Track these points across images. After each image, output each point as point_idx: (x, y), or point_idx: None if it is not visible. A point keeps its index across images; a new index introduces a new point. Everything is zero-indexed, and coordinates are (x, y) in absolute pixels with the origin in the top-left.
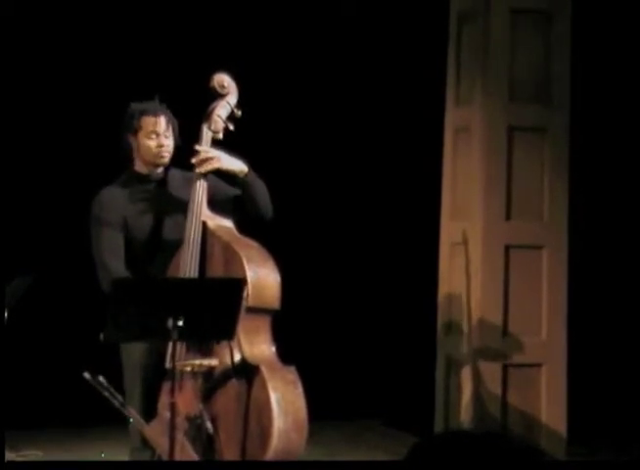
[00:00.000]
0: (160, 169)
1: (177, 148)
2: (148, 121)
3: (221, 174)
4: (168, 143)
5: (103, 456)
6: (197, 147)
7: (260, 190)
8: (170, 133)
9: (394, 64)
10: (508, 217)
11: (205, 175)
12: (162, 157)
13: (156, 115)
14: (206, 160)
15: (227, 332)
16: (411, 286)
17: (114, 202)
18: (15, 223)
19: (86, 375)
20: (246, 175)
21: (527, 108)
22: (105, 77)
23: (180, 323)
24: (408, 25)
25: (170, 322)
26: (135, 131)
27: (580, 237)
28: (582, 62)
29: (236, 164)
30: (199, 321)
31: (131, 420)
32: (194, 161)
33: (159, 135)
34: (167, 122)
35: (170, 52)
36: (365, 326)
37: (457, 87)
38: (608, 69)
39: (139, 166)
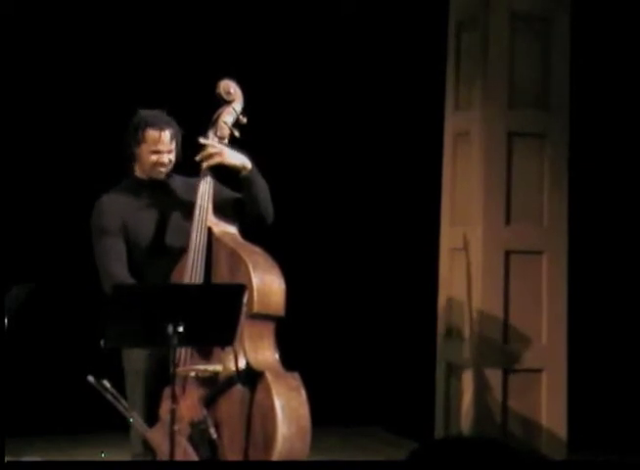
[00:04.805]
0: (161, 176)
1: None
2: (152, 136)
3: (224, 170)
4: (169, 158)
5: (103, 456)
6: (202, 140)
7: (262, 189)
8: (173, 148)
9: (394, 69)
10: (508, 223)
11: (211, 177)
12: (160, 172)
13: (161, 129)
14: (211, 154)
15: (227, 338)
16: (411, 292)
17: (115, 207)
18: (15, 230)
19: (90, 378)
20: (249, 171)
21: (527, 113)
22: (108, 82)
23: (180, 329)
24: (408, 30)
25: (170, 328)
26: (138, 142)
27: (580, 242)
28: (581, 67)
29: (240, 160)
30: (199, 327)
31: (132, 421)
32: (198, 158)
33: (160, 152)
34: (172, 138)
35: (174, 58)
36: (366, 332)
37: (456, 92)
38: (607, 74)
39: (139, 173)
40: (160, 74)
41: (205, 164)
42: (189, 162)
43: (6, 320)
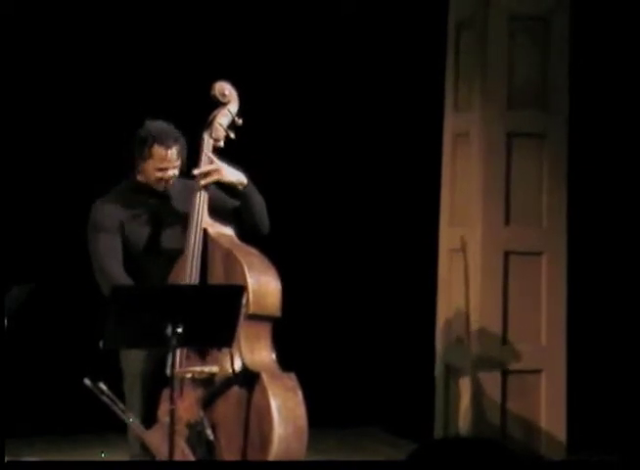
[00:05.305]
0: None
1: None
2: (159, 153)
3: (221, 185)
4: (173, 173)
5: (103, 456)
6: (195, 171)
7: (258, 203)
8: (178, 163)
9: (394, 69)
10: (507, 223)
11: (206, 187)
12: (163, 186)
13: (168, 147)
14: (208, 172)
15: (226, 339)
16: (410, 293)
17: (112, 208)
18: (15, 230)
19: (87, 381)
20: (245, 187)
21: (526, 114)
22: (106, 82)
23: (179, 330)
24: (408, 31)
25: (169, 329)
26: (144, 158)
27: (580, 242)
28: (580, 68)
29: (236, 176)
30: (198, 328)
31: (131, 422)
32: (196, 172)
33: (166, 169)
34: (178, 155)
35: (171, 58)
36: (364, 333)
37: (456, 93)
38: (606, 75)
39: (140, 177)
40: (157, 75)
41: (203, 183)
42: (189, 165)
43: (6, 320)
